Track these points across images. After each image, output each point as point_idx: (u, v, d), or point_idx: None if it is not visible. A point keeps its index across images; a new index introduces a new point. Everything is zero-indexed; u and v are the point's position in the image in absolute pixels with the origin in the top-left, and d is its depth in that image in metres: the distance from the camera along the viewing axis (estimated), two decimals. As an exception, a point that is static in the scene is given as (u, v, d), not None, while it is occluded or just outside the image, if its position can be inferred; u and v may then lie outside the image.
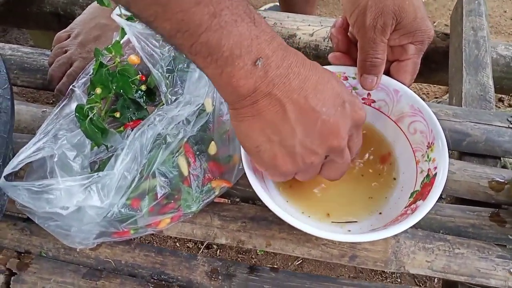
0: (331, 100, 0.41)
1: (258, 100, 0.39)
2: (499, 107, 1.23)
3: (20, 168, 0.46)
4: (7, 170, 0.44)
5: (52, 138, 0.48)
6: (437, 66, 0.79)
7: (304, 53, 0.41)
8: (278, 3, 1.30)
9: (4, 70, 0.49)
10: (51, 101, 1.28)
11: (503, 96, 1.27)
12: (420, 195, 0.48)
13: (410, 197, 0.50)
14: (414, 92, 0.53)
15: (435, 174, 0.48)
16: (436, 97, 1.29)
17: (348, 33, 0.55)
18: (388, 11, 0.48)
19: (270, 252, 0.97)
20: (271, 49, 0.38)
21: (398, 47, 0.52)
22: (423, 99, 0.53)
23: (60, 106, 0.50)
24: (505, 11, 1.47)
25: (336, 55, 0.55)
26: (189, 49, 0.37)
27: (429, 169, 0.50)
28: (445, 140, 0.49)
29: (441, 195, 0.47)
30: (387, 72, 0.54)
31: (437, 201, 0.46)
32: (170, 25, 0.35)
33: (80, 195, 0.45)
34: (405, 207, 0.49)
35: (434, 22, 1.46)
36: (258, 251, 0.99)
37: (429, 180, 0.48)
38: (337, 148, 0.43)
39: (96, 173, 0.45)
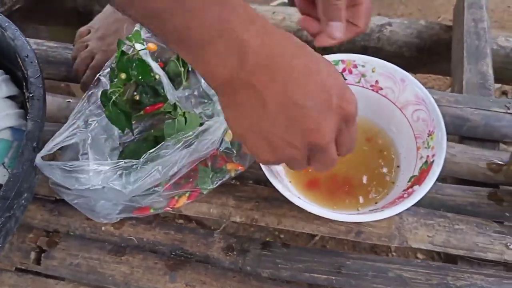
0: (316, 93, 0.38)
1: (237, 90, 0.37)
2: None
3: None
4: (44, 152, 0.49)
5: (83, 124, 0.52)
6: (439, 57, 0.83)
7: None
8: (286, 0, 1.34)
9: (36, 61, 0.53)
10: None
11: (506, 89, 1.30)
12: (417, 180, 0.51)
13: (408, 181, 0.53)
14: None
15: (433, 161, 0.51)
16: (441, 91, 1.32)
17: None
18: None
19: (282, 237, 1.01)
20: (250, 34, 0.35)
21: None
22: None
23: (89, 94, 0.54)
24: (509, 6, 1.50)
25: (304, 18, 0.53)
26: (162, 36, 0.36)
27: (427, 156, 0.52)
28: (444, 131, 0.52)
29: (442, 176, 0.50)
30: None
31: (438, 182, 0.49)
32: (135, 12, 0.34)
33: (108, 177, 0.48)
34: (403, 190, 0.52)
35: (439, 17, 1.48)
36: (268, 239, 1.02)
37: (427, 167, 0.51)
38: (318, 145, 0.40)
39: (124, 160, 0.48)
